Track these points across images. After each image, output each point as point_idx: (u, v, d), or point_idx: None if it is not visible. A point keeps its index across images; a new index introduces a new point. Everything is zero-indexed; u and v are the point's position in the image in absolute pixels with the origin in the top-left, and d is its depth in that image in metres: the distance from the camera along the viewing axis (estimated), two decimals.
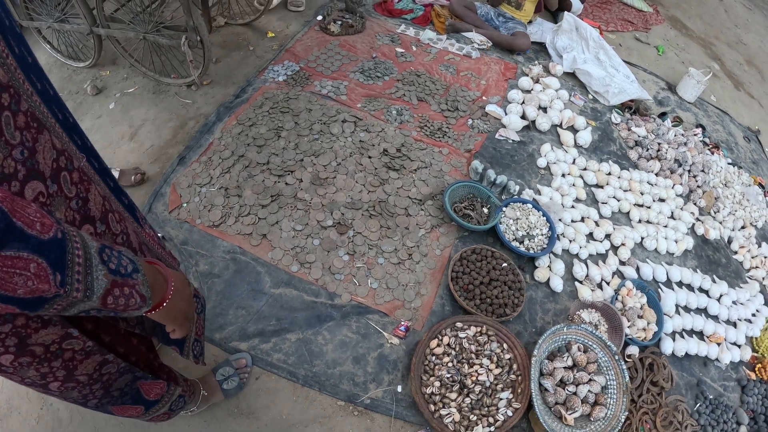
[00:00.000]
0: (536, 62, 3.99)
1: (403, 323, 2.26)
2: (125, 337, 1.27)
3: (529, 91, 3.61)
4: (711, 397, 2.52)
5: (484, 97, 3.49)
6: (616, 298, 2.59)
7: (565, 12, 4.17)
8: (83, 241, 0.71)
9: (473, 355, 2.17)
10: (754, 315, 2.96)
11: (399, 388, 2.10)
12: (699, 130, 3.92)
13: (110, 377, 1.12)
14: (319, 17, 3.76)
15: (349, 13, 3.82)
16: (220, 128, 2.82)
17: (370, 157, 2.80)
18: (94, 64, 3.10)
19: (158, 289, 0.90)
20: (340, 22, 3.69)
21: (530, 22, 4.32)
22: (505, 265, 2.48)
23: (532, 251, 2.61)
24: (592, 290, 2.63)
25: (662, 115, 3.95)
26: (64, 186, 0.88)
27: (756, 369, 2.75)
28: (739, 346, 2.77)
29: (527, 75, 3.77)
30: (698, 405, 2.48)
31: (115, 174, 2.49)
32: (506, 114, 3.37)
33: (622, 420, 2.09)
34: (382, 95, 3.25)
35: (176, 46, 2.83)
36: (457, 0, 4.09)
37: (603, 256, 2.83)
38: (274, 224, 2.43)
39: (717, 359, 2.67)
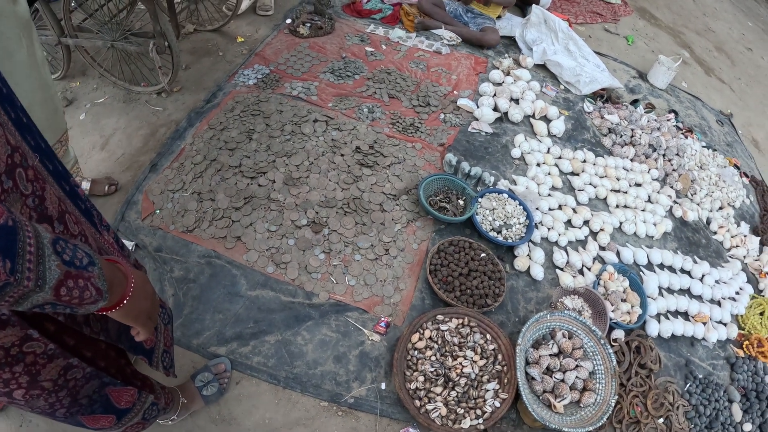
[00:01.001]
0: (506, 55, 4.01)
1: (383, 319, 2.23)
2: (92, 342, 1.23)
3: (500, 84, 3.62)
4: (700, 376, 2.52)
5: (455, 92, 3.50)
6: (598, 283, 2.59)
7: (533, 5, 4.20)
8: (36, 231, 0.70)
9: (456, 348, 2.14)
10: (737, 293, 2.98)
11: (383, 386, 2.07)
12: (672, 116, 3.96)
13: (76, 383, 1.08)
14: (288, 20, 3.76)
15: (318, 15, 3.82)
16: (191, 134, 2.79)
17: (342, 155, 2.79)
18: (63, 75, 3.06)
19: (117, 287, 0.88)
20: (309, 25, 3.69)
21: (499, 17, 4.35)
22: (483, 255, 2.47)
23: (510, 240, 2.60)
24: (574, 277, 2.63)
25: (634, 103, 3.99)
26: (20, 183, 0.86)
27: (744, 346, 2.76)
28: (725, 325, 2.78)
29: (498, 68, 3.78)
30: (688, 385, 2.48)
31: (86, 185, 2.45)
32: (478, 107, 3.37)
33: (613, 404, 2.08)
34: (353, 94, 3.24)
35: (144, 53, 2.82)
36: None
37: (582, 243, 2.83)
38: (248, 226, 2.40)
39: (704, 338, 2.67)
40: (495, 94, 3.48)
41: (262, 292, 2.23)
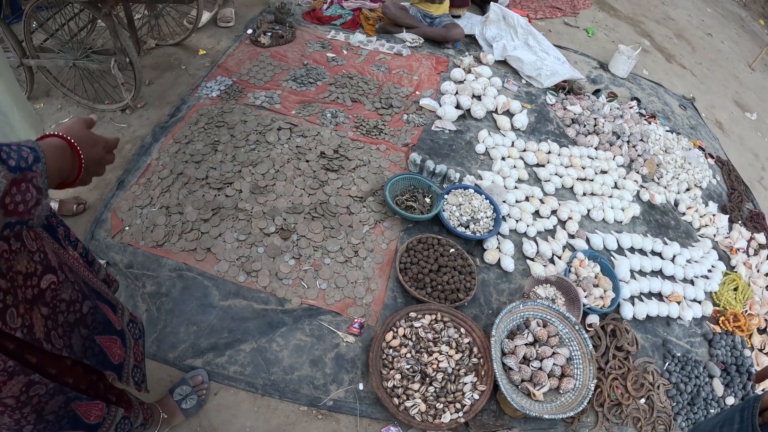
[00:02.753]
0: (467, 54, 4.06)
1: (356, 320, 2.24)
2: (56, 358, 1.22)
3: (461, 82, 3.66)
4: (679, 354, 2.56)
5: (417, 92, 3.54)
6: (570, 271, 2.62)
7: (492, 3, 4.25)
8: None
9: (431, 344, 2.16)
10: (710, 271, 3.03)
11: (360, 386, 2.08)
12: (634, 103, 4.04)
13: (40, 399, 1.07)
14: (249, 31, 3.78)
15: (278, 24, 3.83)
16: (157, 149, 2.78)
17: (307, 161, 2.80)
18: (27, 97, 3.02)
19: (67, 165, 0.94)
20: (270, 34, 3.70)
21: (459, 16, 4.39)
22: (452, 250, 2.49)
23: (478, 234, 2.63)
24: (545, 266, 2.66)
25: (596, 92, 4.05)
26: None
27: (720, 322, 2.81)
28: (699, 302, 2.83)
29: (459, 66, 3.83)
30: (667, 364, 2.52)
31: (54, 205, 2.43)
32: (440, 105, 3.40)
33: (592, 388, 2.11)
34: (315, 100, 3.26)
35: (107, 70, 2.81)
36: (392, 1, 4.07)
37: (552, 232, 2.87)
38: (217, 237, 2.40)
39: (679, 317, 2.72)
40: (457, 92, 3.52)
41: (234, 301, 2.23)
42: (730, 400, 2.52)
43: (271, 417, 1.97)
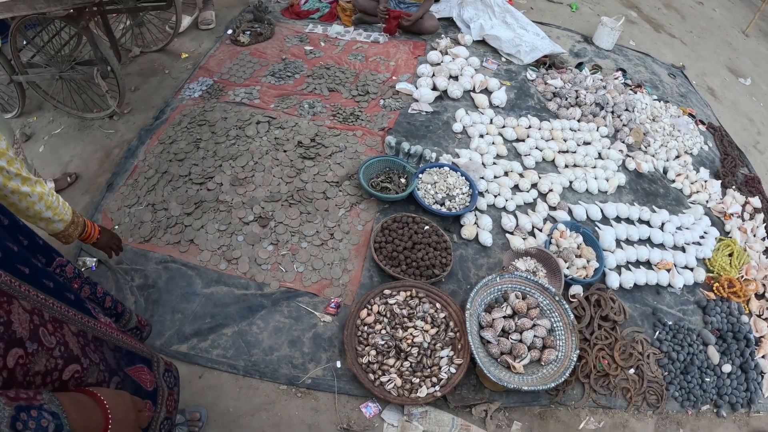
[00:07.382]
0: (443, 36, 4.06)
1: (333, 300, 2.31)
2: None
3: (438, 64, 3.67)
4: (670, 323, 2.54)
5: (394, 77, 3.58)
6: (550, 242, 2.62)
7: None
8: None
9: (406, 319, 2.20)
10: (702, 237, 3.00)
11: (338, 364, 2.14)
12: (618, 74, 4.01)
13: None
14: (230, 31, 3.86)
15: (258, 23, 3.91)
16: (143, 151, 2.89)
17: (285, 151, 2.88)
18: (20, 113, 3.17)
19: (94, 427, 0.86)
20: (249, 32, 3.78)
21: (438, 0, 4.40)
22: (427, 227, 2.53)
23: (454, 211, 2.65)
24: (524, 239, 2.67)
25: (579, 66, 4.03)
26: None
27: (714, 288, 2.78)
28: (691, 269, 2.81)
29: (435, 49, 3.83)
30: (657, 333, 2.50)
31: (51, 184, 2.62)
32: (417, 88, 3.43)
33: (575, 359, 2.11)
34: (293, 92, 3.33)
35: (92, 80, 2.93)
36: None
37: (532, 205, 2.88)
38: (199, 229, 2.49)
39: (670, 285, 2.70)
40: (434, 74, 3.54)
41: (216, 288, 2.32)
42: (727, 368, 2.48)
43: (252, 396, 2.04)
